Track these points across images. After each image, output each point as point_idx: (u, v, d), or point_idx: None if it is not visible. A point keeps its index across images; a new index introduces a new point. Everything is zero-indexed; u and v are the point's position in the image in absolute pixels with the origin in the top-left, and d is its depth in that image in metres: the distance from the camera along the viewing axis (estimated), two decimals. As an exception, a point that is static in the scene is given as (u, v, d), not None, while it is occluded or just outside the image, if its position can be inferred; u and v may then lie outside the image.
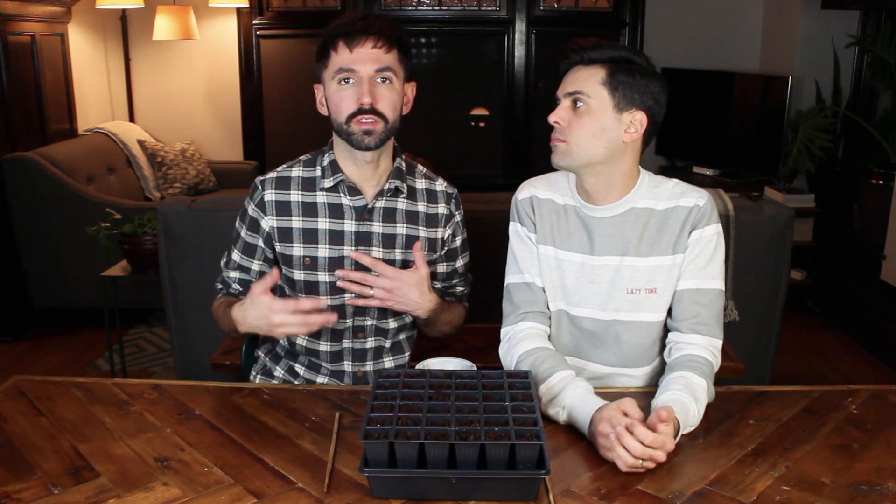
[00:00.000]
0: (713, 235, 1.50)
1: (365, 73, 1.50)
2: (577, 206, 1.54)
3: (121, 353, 3.33)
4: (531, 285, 1.56)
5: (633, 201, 1.51)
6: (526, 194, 1.59)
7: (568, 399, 1.34)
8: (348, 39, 1.50)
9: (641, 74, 1.45)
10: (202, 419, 1.37)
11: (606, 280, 1.51)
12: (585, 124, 1.44)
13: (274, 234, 1.60)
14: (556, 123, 1.47)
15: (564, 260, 1.53)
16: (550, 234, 1.55)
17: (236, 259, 1.65)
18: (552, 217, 1.55)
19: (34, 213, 3.66)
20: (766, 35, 4.75)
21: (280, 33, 4.77)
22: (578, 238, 1.53)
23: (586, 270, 1.52)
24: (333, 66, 1.52)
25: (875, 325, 3.61)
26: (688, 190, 1.52)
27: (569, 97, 1.46)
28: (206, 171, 4.68)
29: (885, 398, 1.46)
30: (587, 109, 1.44)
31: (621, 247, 1.50)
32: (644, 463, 1.18)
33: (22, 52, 3.82)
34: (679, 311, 1.50)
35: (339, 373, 1.67)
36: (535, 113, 4.69)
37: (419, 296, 1.55)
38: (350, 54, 1.50)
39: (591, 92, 1.44)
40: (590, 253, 1.52)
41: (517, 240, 1.59)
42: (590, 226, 1.52)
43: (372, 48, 1.50)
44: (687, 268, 1.50)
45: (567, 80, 1.48)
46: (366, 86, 1.50)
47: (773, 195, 4.11)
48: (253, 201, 1.61)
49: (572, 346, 1.57)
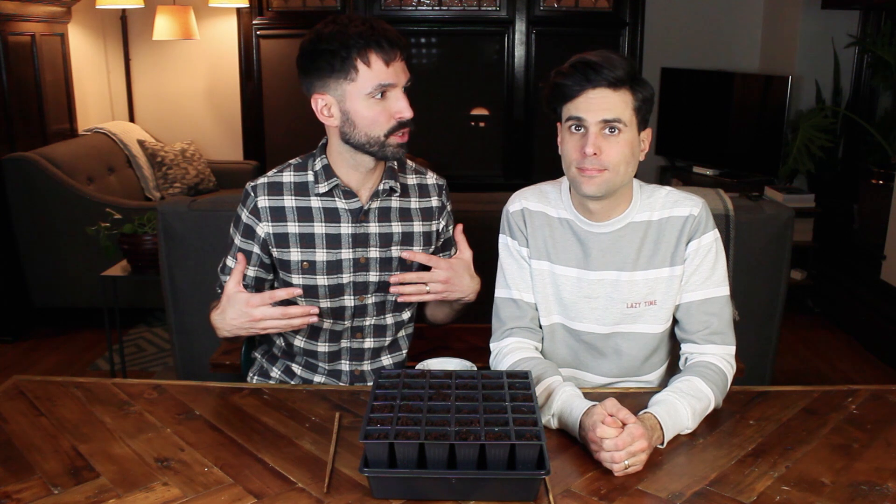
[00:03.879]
0: (712, 243, 1.49)
1: (401, 85, 1.50)
2: (571, 220, 1.52)
3: (121, 353, 3.33)
4: (518, 301, 1.55)
5: (630, 216, 1.49)
6: (517, 206, 1.56)
7: (556, 406, 1.34)
8: (382, 52, 1.45)
9: (645, 87, 1.42)
10: (202, 419, 1.37)
11: (604, 295, 1.50)
12: (624, 152, 1.40)
13: (270, 240, 1.59)
14: (593, 155, 1.38)
15: (560, 275, 1.52)
16: (544, 248, 1.53)
17: (231, 265, 1.63)
18: (545, 231, 1.54)
19: (34, 213, 3.66)
20: (766, 35, 4.75)
21: (280, 33, 4.77)
22: (573, 253, 1.51)
23: (583, 285, 1.51)
24: (368, 82, 1.46)
25: (875, 325, 3.60)
26: (681, 198, 1.50)
27: (604, 124, 1.39)
28: (206, 171, 4.68)
29: (885, 398, 1.46)
30: (623, 137, 1.40)
31: (618, 262, 1.49)
32: (630, 462, 1.19)
33: (22, 52, 3.82)
34: (691, 324, 1.49)
35: (336, 371, 1.68)
36: (536, 113, 4.69)
37: (471, 279, 1.59)
38: (387, 69, 1.46)
39: (626, 119, 1.39)
40: (585, 268, 1.51)
41: (506, 254, 1.58)
42: (585, 241, 1.51)
43: (401, 61, 1.50)
44: (691, 279, 1.49)
45: (593, 103, 1.38)
46: (404, 100, 1.50)
47: (773, 195, 4.11)
48: (246, 208, 1.60)
49: (570, 357, 1.56)
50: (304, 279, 1.59)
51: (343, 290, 1.61)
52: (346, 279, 1.61)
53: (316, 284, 1.60)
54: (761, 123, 4.30)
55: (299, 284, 1.59)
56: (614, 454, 1.19)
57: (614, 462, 1.19)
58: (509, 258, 1.57)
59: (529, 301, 1.55)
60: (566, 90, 1.40)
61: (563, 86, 1.41)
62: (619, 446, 1.18)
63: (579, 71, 1.38)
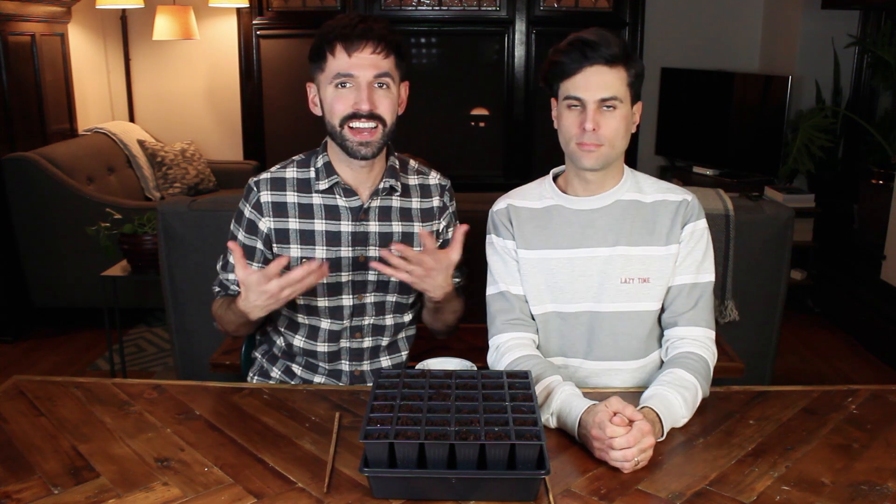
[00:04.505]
0: (703, 230, 1.55)
1: (364, 78, 1.49)
2: (558, 205, 1.56)
3: (121, 353, 3.33)
4: (505, 294, 1.56)
5: (619, 194, 1.54)
6: (502, 205, 1.60)
7: (555, 404, 1.34)
8: (346, 44, 1.49)
9: (636, 62, 1.48)
10: (202, 419, 1.37)
11: (597, 271, 1.52)
12: (619, 127, 1.47)
13: (272, 235, 1.60)
14: (592, 130, 1.44)
15: (551, 259, 1.54)
16: (533, 237, 1.55)
17: (232, 261, 1.63)
18: (532, 222, 1.56)
19: (34, 213, 3.66)
20: (766, 35, 4.75)
21: (280, 33, 4.77)
22: (563, 234, 1.54)
23: (576, 265, 1.53)
24: (331, 71, 1.51)
25: (875, 325, 3.60)
26: (672, 187, 1.58)
27: (600, 102, 1.44)
28: (206, 171, 4.68)
29: (885, 398, 1.46)
30: (619, 112, 1.46)
31: (612, 237, 1.52)
32: (639, 458, 1.20)
33: (22, 52, 3.82)
34: (678, 305, 1.53)
35: (336, 372, 1.68)
36: (536, 113, 4.69)
37: (444, 280, 1.52)
38: (349, 59, 1.49)
39: (622, 95, 1.45)
40: (577, 246, 1.53)
41: (492, 251, 1.60)
42: (575, 219, 1.54)
43: (371, 54, 1.49)
44: (683, 262, 1.53)
45: (591, 81, 1.44)
46: (364, 92, 1.50)
47: (773, 195, 4.11)
48: (249, 203, 1.60)
49: (564, 346, 1.57)
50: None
51: (342, 288, 1.61)
52: (344, 277, 1.61)
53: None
54: (761, 123, 4.30)
55: None
56: (626, 452, 1.18)
57: (626, 460, 1.19)
58: (494, 255, 1.60)
59: (517, 293, 1.56)
60: (564, 68, 1.46)
61: (560, 63, 1.46)
62: (631, 443, 1.18)
63: (577, 48, 1.44)
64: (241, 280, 1.43)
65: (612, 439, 1.19)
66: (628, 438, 1.19)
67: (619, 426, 1.20)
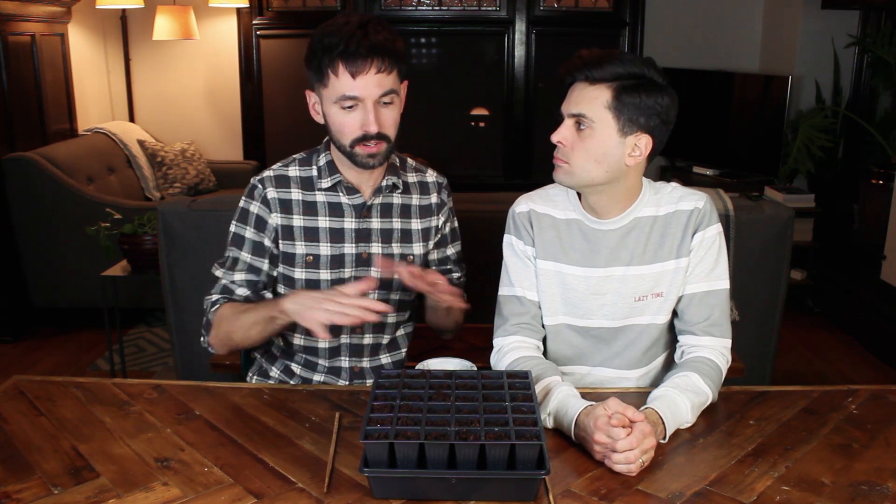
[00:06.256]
0: (715, 236, 1.51)
1: (370, 99, 1.47)
2: (579, 220, 1.53)
3: (121, 353, 3.33)
4: (521, 298, 1.55)
5: (636, 212, 1.50)
6: (524, 208, 1.57)
7: (551, 404, 1.34)
8: (349, 64, 1.44)
9: (648, 93, 1.40)
10: (202, 419, 1.37)
11: (612, 291, 1.51)
12: (589, 148, 1.41)
13: (279, 231, 1.60)
14: (559, 143, 1.44)
15: (568, 274, 1.53)
16: (552, 249, 1.53)
17: (246, 260, 1.60)
18: (552, 232, 1.54)
19: (34, 213, 3.66)
20: (766, 35, 4.75)
21: (280, 33, 4.77)
22: (581, 251, 1.52)
23: (591, 283, 1.52)
24: (335, 91, 1.47)
25: (875, 325, 3.61)
26: (686, 193, 1.52)
27: (572, 118, 1.42)
28: (206, 171, 4.68)
29: (885, 398, 1.46)
30: (591, 133, 1.40)
31: (626, 257, 1.50)
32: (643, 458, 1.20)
33: (22, 52, 3.82)
34: (692, 315, 1.51)
35: (335, 368, 1.68)
36: (536, 113, 4.68)
37: None
38: (353, 81, 1.45)
39: (595, 116, 1.40)
40: (594, 266, 1.51)
41: (510, 252, 1.58)
42: (594, 239, 1.51)
43: (376, 73, 1.45)
44: (695, 271, 1.50)
45: (571, 97, 1.43)
46: (371, 114, 1.47)
47: (773, 195, 4.11)
48: (256, 200, 1.60)
49: (574, 355, 1.57)
50: (308, 273, 1.60)
51: (345, 284, 1.61)
52: (348, 274, 1.61)
53: (319, 279, 1.60)
54: (761, 123, 4.30)
55: (302, 279, 1.60)
56: (629, 454, 1.18)
57: (629, 462, 1.18)
58: (514, 257, 1.57)
59: (532, 299, 1.55)
60: (564, 84, 1.47)
61: (562, 79, 1.47)
62: (634, 445, 1.18)
63: (570, 66, 1.44)
64: (348, 293, 1.39)
65: (615, 442, 1.19)
66: (630, 440, 1.18)
67: (619, 427, 1.20)
